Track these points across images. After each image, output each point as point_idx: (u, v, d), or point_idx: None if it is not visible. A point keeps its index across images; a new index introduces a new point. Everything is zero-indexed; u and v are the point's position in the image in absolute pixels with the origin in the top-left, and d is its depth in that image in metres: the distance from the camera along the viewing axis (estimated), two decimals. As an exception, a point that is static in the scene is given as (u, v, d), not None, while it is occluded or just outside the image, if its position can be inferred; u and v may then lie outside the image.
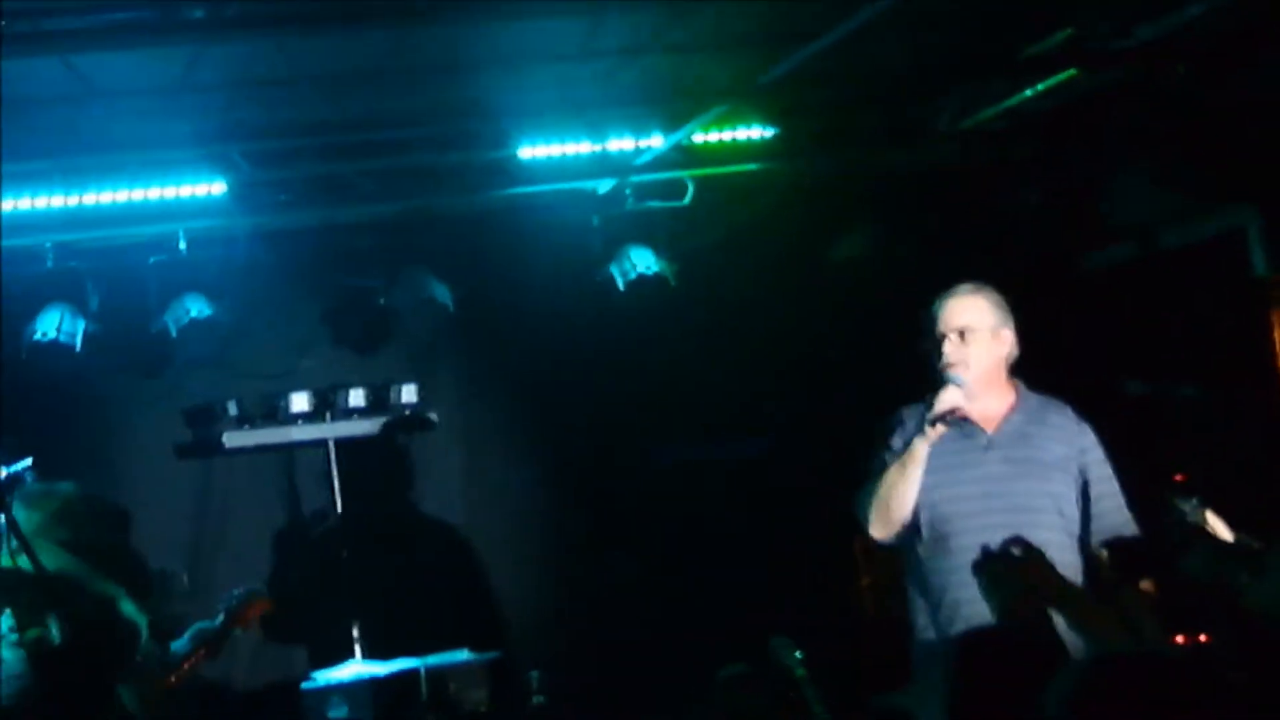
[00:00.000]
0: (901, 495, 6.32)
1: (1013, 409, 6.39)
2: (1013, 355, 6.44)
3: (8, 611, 5.99)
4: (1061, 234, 10.18)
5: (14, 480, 7.38)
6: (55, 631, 5.99)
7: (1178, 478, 7.65)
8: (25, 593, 5.93)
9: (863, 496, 6.43)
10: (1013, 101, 9.48)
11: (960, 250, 9.83)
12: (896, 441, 6.41)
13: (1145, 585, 6.36)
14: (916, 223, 10.38)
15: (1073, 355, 9.41)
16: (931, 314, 6.40)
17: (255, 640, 10.19)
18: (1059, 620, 6.14)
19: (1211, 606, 7.23)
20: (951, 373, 6.29)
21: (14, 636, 5.98)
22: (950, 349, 6.32)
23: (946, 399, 6.23)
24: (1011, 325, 6.42)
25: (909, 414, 6.44)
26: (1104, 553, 6.40)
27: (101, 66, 7.56)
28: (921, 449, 6.27)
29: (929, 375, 6.37)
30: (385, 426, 10.48)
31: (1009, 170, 10.30)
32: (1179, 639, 7.53)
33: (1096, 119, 9.59)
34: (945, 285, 6.49)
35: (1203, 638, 7.51)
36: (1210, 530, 6.48)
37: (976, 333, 6.33)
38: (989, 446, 6.33)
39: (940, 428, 6.22)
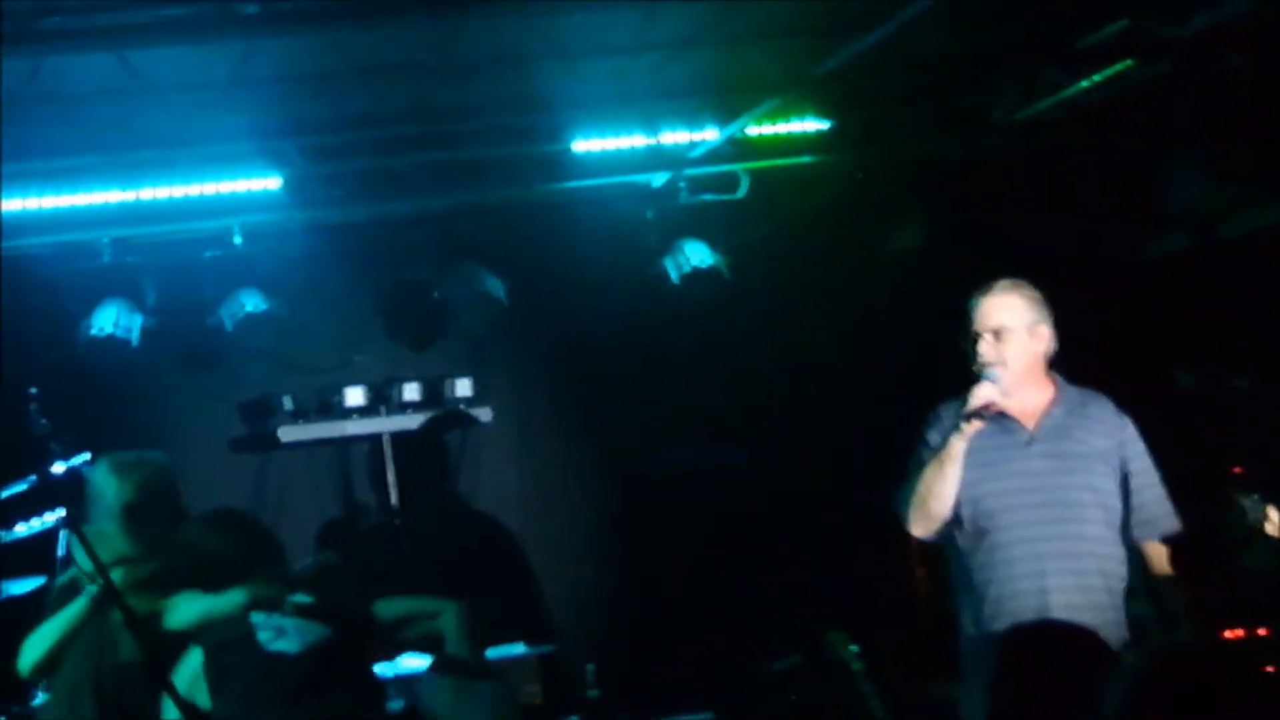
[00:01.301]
0: (939, 492, 6.29)
1: (1052, 403, 6.36)
2: (1050, 351, 6.40)
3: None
4: (1117, 224, 10.12)
5: (72, 475, 7.42)
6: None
7: (1236, 470, 7.60)
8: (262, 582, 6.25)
9: (902, 494, 6.41)
10: (1068, 92, 9.42)
11: (1015, 241, 9.79)
12: (934, 438, 6.38)
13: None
14: (971, 214, 10.33)
15: (1128, 346, 9.36)
16: (968, 312, 6.37)
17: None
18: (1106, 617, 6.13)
19: (1271, 601, 7.19)
20: (993, 371, 6.26)
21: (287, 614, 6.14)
22: (985, 348, 6.30)
23: (981, 395, 6.20)
24: (1049, 321, 6.38)
25: (946, 410, 6.41)
26: (1156, 548, 6.37)
27: (156, 62, 7.60)
28: (958, 446, 6.24)
29: (970, 371, 6.35)
30: (439, 420, 10.49)
31: (1064, 161, 10.24)
32: (1239, 633, 7.49)
33: (1152, 109, 9.52)
34: (998, 277, 6.45)
35: (1262, 631, 7.46)
36: (1272, 525, 6.45)
37: (1011, 331, 6.30)
38: (1030, 442, 6.31)
39: (976, 424, 6.19)
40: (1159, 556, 6.35)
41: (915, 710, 8.32)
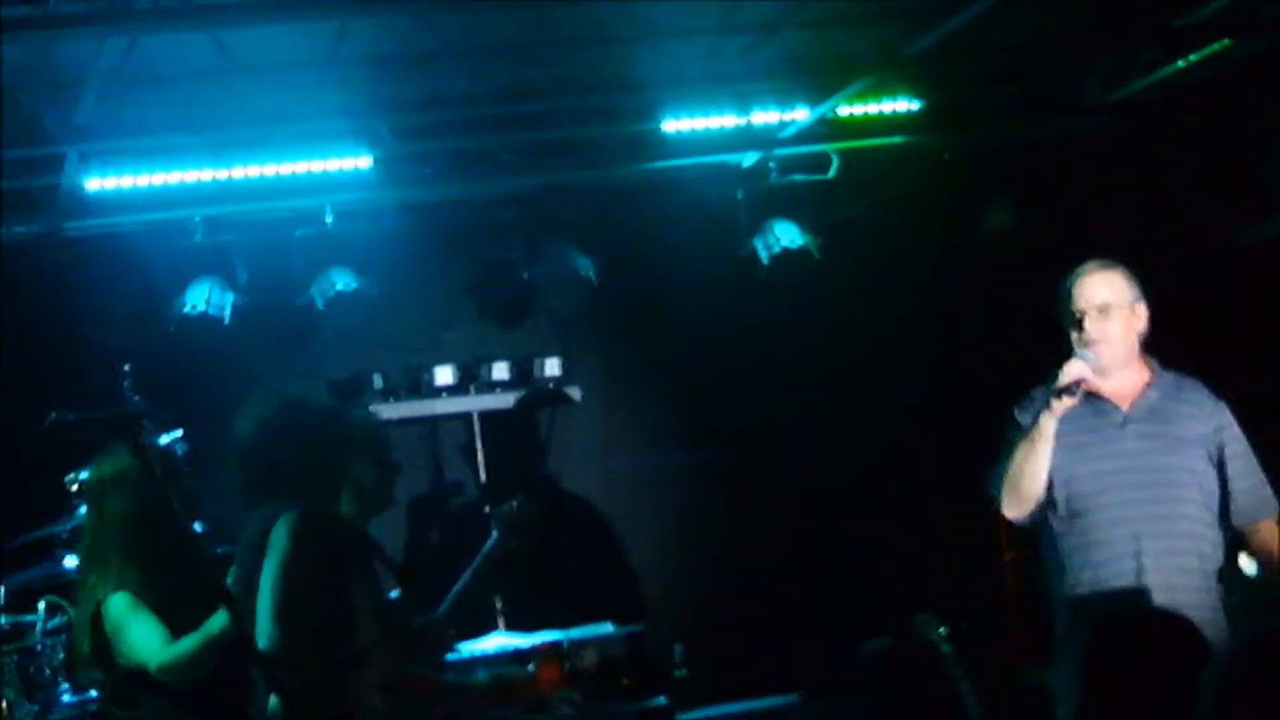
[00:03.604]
0: (1031, 472, 6.25)
1: (1148, 385, 6.31)
2: (1144, 332, 6.35)
3: None
4: (1216, 206, 10.00)
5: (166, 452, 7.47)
6: None
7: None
8: None
9: (994, 476, 6.38)
10: (1165, 71, 9.33)
11: (1112, 223, 9.70)
12: (1025, 419, 6.34)
13: None
14: (1066, 195, 10.24)
15: (1226, 329, 9.26)
16: (1067, 290, 6.32)
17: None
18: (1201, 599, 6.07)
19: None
20: (1086, 350, 6.22)
21: None
22: (1091, 325, 6.24)
23: (1072, 370, 6.15)
24: (1144, 301, 6.34)
25: (1039, 393, 6.36)
26: (1256, 530, 6.30)
27: (249, 41, 7.63)
28: (1049, 424, 6.19)
29: (1067, 352, 6.29)
30: (528, 399, 10.51)
31: (1162, 141, 10.13)
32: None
33: (1251, 88, 9.41)
34: (1092, 259, 6.40)
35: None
36: None
37: (1117, 308, 6.25)
38: (1124, 422, 6.26)
39: (1066, 401, 6.14)
40: (1259, 539, 6.29)
41: (1005, 694, 8.28)
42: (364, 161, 9.26)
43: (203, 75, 8.00)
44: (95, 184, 8.93)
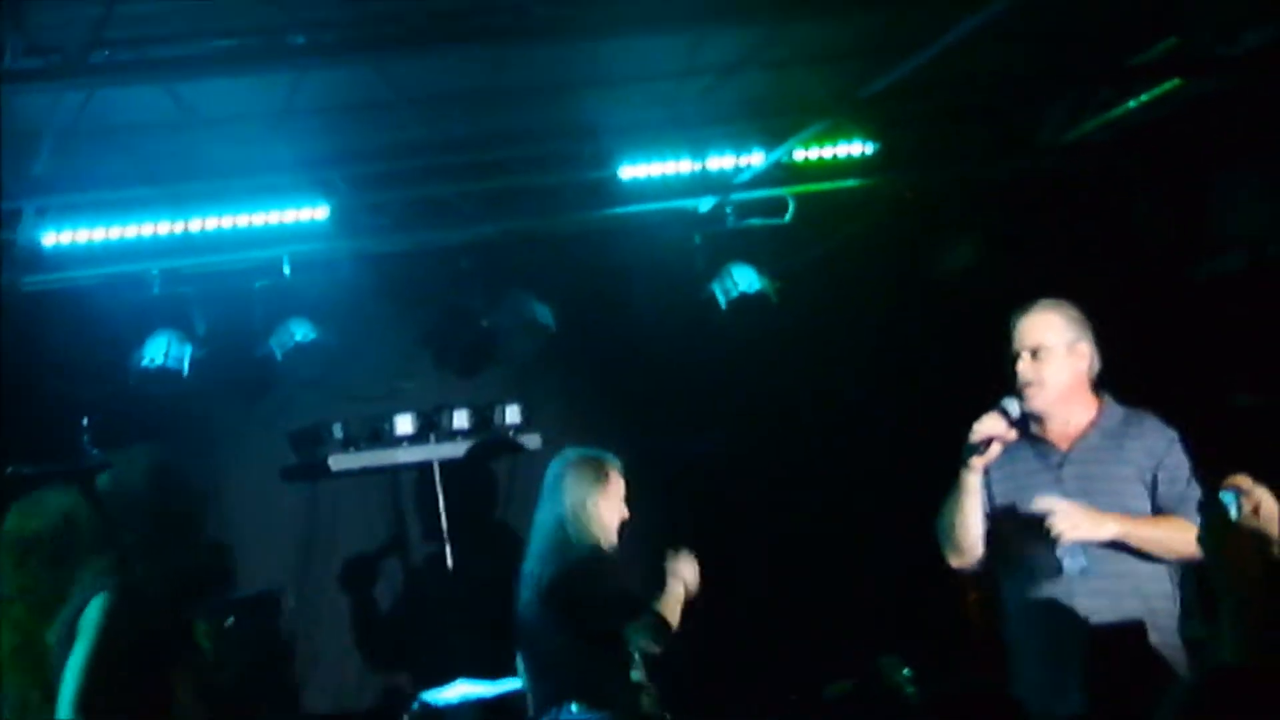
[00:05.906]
0: (962, 524, 6.26)
1: (1092, 424, 6.26)
2: (1094, 369, 6.32)
3: None
4: (1168, 245, 10.06)
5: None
6: None
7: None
8: None
9: (937, 525, 6.39)
10: (1117, 112, 9.39)
11: (1065, 263, 9.74)
12: None
13: None
14: (1021, 237, 10.28)
15: (1180, 367, 9.30)
16: (1006, 334, 6.33)
17: (361, 662, 10.25)
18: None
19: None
20: (1017, 395, 6.21)
21: None
22: (1023, 368, 6.24)
23: (982, 429, 6.15)
24: (1089, 339, 6.31)
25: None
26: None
27: (205, 94, 7.63)
28: (969, 480, 6.20)
29: (1016, 393, 6.30)
30: (488, 447, 10.50)
31: (1114, 182, 10.19)
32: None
33: (1203, 128, 9.47)
34: (1045, 298, 6.42)
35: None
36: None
37: (1049, 350, 6.23)
38: (1061, 464, 6.22)
39: (980, 459, 6.15)
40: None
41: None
42: (321, 212, 9.25)
43: (158, 128, 7.99)
44: (52, 239, 8.89)
